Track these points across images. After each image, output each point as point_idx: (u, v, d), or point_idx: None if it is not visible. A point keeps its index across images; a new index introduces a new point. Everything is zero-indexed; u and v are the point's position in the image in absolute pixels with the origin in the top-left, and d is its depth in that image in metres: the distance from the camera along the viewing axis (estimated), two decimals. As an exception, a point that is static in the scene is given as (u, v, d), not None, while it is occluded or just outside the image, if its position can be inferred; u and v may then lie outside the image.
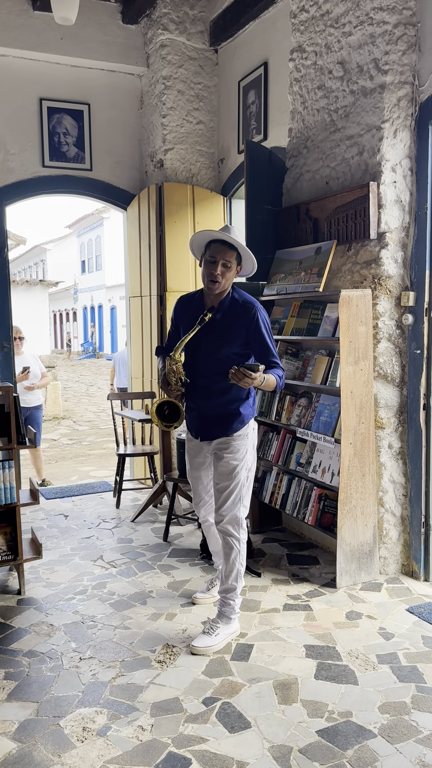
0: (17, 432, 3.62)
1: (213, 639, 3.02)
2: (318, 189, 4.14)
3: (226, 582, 3.13)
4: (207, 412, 3.08)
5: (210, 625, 3.09)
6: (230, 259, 2.99)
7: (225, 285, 3.04)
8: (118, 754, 2.30)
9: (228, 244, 2.99)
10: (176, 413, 3.05)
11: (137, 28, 5.72)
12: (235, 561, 3.11)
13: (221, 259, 2.97)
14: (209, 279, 3.01)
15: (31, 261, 42.93)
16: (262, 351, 3.04)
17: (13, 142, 5.53)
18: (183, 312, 3.21)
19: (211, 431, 3.10)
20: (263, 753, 2.29)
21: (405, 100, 3.59)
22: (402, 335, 3.74)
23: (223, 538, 3.11)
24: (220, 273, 2.98)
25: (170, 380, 3.04)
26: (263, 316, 3.04)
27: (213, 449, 3.13)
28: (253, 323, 3.01)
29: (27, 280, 18.55)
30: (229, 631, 3.09)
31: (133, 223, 5.93)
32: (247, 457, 3.11)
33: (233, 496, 3.06)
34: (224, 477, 3.06)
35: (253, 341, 3.04)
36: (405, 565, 3.82)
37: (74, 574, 3.92)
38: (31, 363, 6.25)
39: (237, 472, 3.05)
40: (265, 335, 3.02)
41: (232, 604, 3.12)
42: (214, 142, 5.82)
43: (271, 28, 4.87)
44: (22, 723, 2.49)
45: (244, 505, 3.11)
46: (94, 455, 8.43)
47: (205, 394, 3.07)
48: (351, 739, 2.35)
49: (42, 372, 6.34)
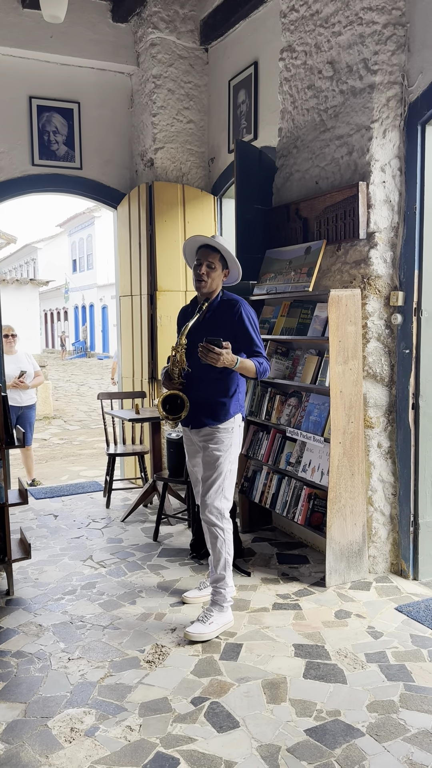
0: (5, 432, 3.60)
1: (207, 627, 3.10)
2: (308, 189, 4.15)
3: (215, 572, 3.24)
4: (197, 401, 3.22)
5: (204, 613, 3.18)
6: (214, 260, 3.23)
7: (212, 285, 3.26)
8: (106, 754, 2.29)
9: (212, 248, 3.23)
10: (179, 405, 3.19)
11: (127, 27, 5.70)
12: (221, 550, 3.22)
13: (205, 260, 3.23)
14: (196, 280, 3.26)
15: (22, 260, 42.74)
16: (246, 343, 3.23)
17: (2, 140, 5.50)
18: (183, 319, 3.46)
19: (199, 419, 3.25)
20: (251, 752, 2.29)
21: (394, 100, 3.60)
22: (391, 335, 3.75)
23: (208, 528, 3.24)
24: (205, 272, 3.22)
25: (173, 374, 3.21)
26: (247, 311, 3.24)
27: (200, 440, 3.28)
28: (237, 317, 3.21)
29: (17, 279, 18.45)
30: (222, 620, 3.17)
31: (123, 222, 5.92)
32: (231, 450, 3.25)
33: (216, 485, 3.21)
34: (208, 467, 3.23)
35: (238, 334, 3.21)
36: (394, 564, 3.83)
37: (63, 574, 3.91)
38: (24, 362, 6.21)
39: (220, 462, 3.21)
40: (249, 328, 3.22)
41: (223, 592, 3.22)
42: (204, 141, 5.81)
43: (261, 28, 4.87)
44: (10, 724, 2.48)
45: (226, 498, 3.24)
46: (84, 455, 8.40)
47: (196, 386, 3.23)
48: (339, 738, 2.35)
49: (36, 371, 6.31)
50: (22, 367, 6.11)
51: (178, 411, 3.19)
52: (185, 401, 3.17)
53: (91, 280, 34.00)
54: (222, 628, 3.15)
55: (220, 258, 3.24)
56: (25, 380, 6.07)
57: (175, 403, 3.19)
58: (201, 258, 3.24)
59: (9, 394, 5.94)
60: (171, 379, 3.23)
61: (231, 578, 3.29)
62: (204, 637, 3.06)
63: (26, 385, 6.09)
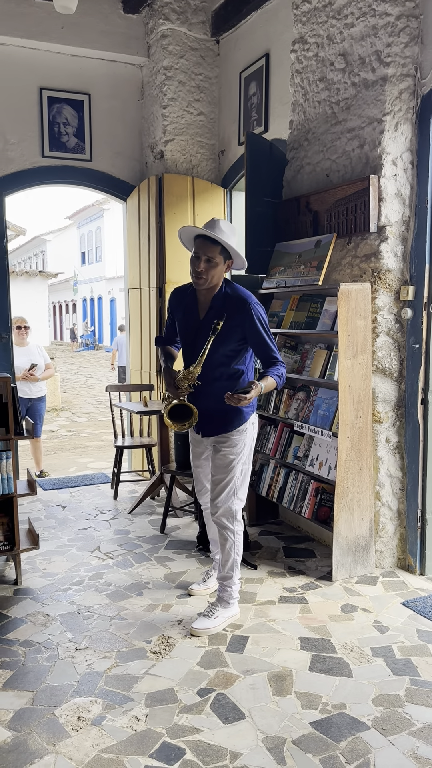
0: (15, 422, 3.62)
1: (212, 621, 3.09)
2: (318, 182, 4.13)
3: (223, 570, 3.21)
4: (207, 409, 3.07)
5: (209, 608, 3.17)
6: (213, 255, 2.94)
7: (212, 281, 2.99)
8: (112, 743, 2.31)
9: (211, 239, 2.93)
10: (186, 413, 3.04)
11: (138, 18, 5.68)
12: (231, 551, 3.18)
13: (204, 255, 2.93)
14: (194, 275, 2.99)
15: (31, 252, 42.82)
16: (260, 347, 3.04)
17: (13, 131, 5.50)
18: (177, 305, 3.22)
19: (212, 428, 3.13)
20: (257, 744, 2.30)
21: (407, 92, 3.57)
22: (401, 329, 3.73)
23: (219, 530, 3.18)
24: (203, 269, 2.94)
25: (181, 386, 3.03)
26: (258, 312, 3.00)
27: (212, 442, 3.18)
28: (248, 320, 2.97)
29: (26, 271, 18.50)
30: (228, 614, 3.17)
31: (132, 214, 5.91)
32: (245, 451, 3.15)
33: (228, 488, 3.11)
34: (220, 470, 3.12)
35: (250, 338, 3.02)
36: (401, 559, 3.83)
37: (71, 565, 3.93)
38: (36, 355, 6.22)
39: (233, 465, 3.10)
40: (261, 331, 3.00)
41: (229, 590, 3.21)
42: (214, 133, 5.79)
43: (273, 19, 4.84)
44: (18, 712, 2.50)
45: (239, 498, 3.16)
46: (92, 447, 8.43)
47: (205, 392, 3.06)
48: (344, 731, 2.36)
49: (46, 363, 6.31)
50: (33, 360, 6.13)
51: (186, 417, 3.04)
52: (193, 410, 3.01)
53: (100, 272, 34.02)
54: (228, 621, 3.16)
55: (222, 250, 2.95)
56: (35, 373, 6.08)
57: (182, 410, 3.05)
58: (198, 251, 2.94)
59: (19, 385, 5.96)
60: (177, 388, 3.04)
61: (238, 576, 3.25)
62: (210, 632, 3.06)
63: (36, 378, 6.10)
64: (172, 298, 3.26)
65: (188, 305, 3.13)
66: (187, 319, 3.13)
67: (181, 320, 3.17)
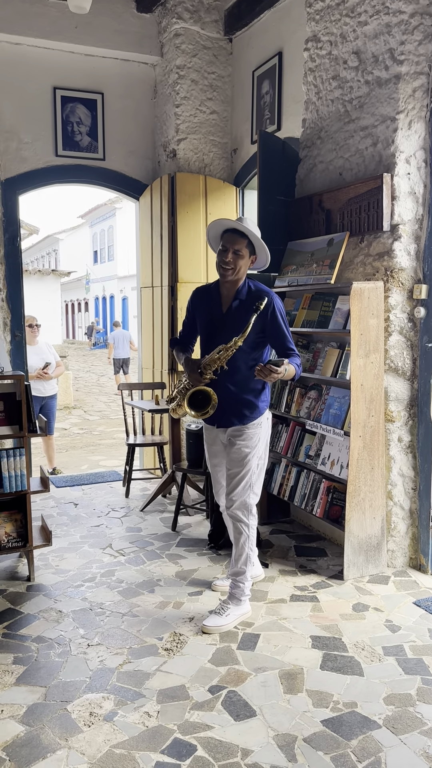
0: (28, 420, 3.65)
1: (224, 619, 3.11)
2: (331, 180, 4.12)
3: (236, 566, 3.23)
4: (224, 400, 3.12)
5: (221, 606, 3.18)
6: (241, 248, 3.05)
7: (238, 273, 3.09)
8: (124, 739, 2.32)
9: (239, 232, 3.06)
10: (205, 400, 3.08)
11: (151, 17, 5.69)
12: (245, 545, 3.20)
13: (232, 247, 3.05)
14: (221, 266, 3.09)
15: (44, 251, 43.01)
16: (278, 340, 3.12)
17: (27, 131, 5.53)
18: (199, 302, 3.29)
19: (227, 419, 3.18)
20: (268, 741, 2.30)
21: (420, 90, 3.55)
22: (414, 328, 3.72)
23: (233, 524, 3.21)
24: (231, 260, 3.05)
25: (207, 370, 3.06)
26: (279, 306, 3.11)
27: (228, 436, 3.22)
28: (269, 313, 3.06)
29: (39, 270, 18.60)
30: (240, 612, 3.17)
31: (145, 213, 5.93)
32: (260, 445, 3.19)
33: (243, 482, 3.15)
34: (236, 463, 3.16)
35: (269, 330, 3.10)
36: (413, 559, 3.82)
37: (83, 562, 3.95)
38: (46, 352, 6.26)
39: (249, 459, 3.14)
40: (281, 324, 3.10)
41: (242, 587, 3.21)
42: (227, 132, 5.79)
43: (286, 18, 4.83)
44: (30, 707, 2.52)
45: (254, 492, 3.21)
46: (104, 445, 8.47)
47: (223, 383, 3.12)
48: (355, 729, 2.36)
49: (57, 361, 6.35)
50: (45, 358, 6.17)
51: (203, 406, 3.07)
52: (212, 398, 3.04)
53: (112, 271, 34.11)
54: (240, 618, 3.17)
55: (248, 244, 3.07)
56: (48, 371, 6.12)
57: (199, 398, 3.08)
58: (227, 244, 3.05)
59: (32, 384, 6.00)
60: (201, 374, 3.08)
61: (250, 573, 3.27)
62: (221, 629, 3.07)
63: (49, 376, 6.15)
64: (194, 296, 3.33)
65: (212, 300, 3.22)
66: (211, 314, 3.22)
67: (203, 315, 3.24)
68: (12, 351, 5.53)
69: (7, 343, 5.44)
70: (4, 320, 5.42)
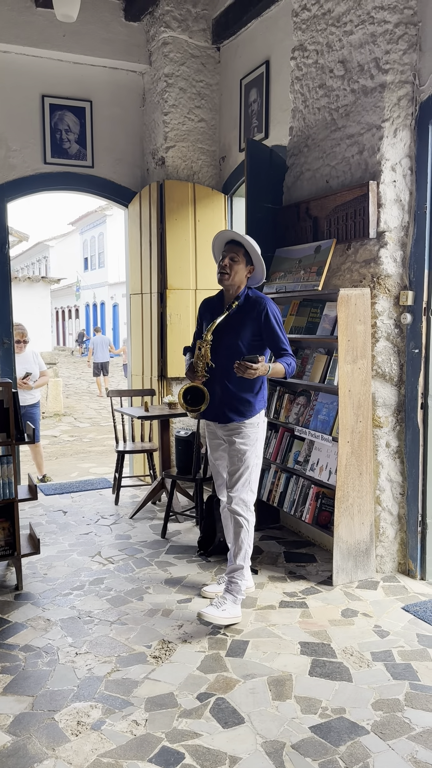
0: (16, 428, 3.64)
1: (220, 612, 3.18)
2: (318, 188, 4.15)
3: (234, 561, 3.32)
4: (222, 397, 3.31)
5: (219, 599, 3.25)
6: (237, 254, 3.29)
7: (234, 278, 3.31)
8: (111, 748, 2.31)
9: (237, 243, 3.32)
10: (199, 397, 3.27)
11: (140, 26, 5.72)
12: (244, 540, 3.31)
13: (228, 254, 3.31)
14: (219, 271, 3.33)
15: (34, 258, 42.93)
16: (272, 340, 3.29)
17: (15, 138, 5.53)
18: (205, 311, 3.52)
19: (225, 415, 3.32)
20: (256, 748, 2.30)
21: (405, 99, 3.59)
22: (400, 334, 3.74)
23: (233, 518, 3.33)
24: (227, 264, 3.29)
25: (197, 368, 3.28)
26: (272, 309, 3.30)
27: (226, 434, 3.36)
28: (263, 315, 3.27)
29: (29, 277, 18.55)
30: (233, 612, 3.23)
31: (134, 220, 5.94)
32: (257, 444, 3.35)
33: (243, 478, 3.30)
34: (236, 460, 3.31)
35: (264, 332, 3.29)
36: (401, 564, 3.83)
37: (72, 570, 3.94)
38: (30, 362, 6.13)
39: (247, 456, 3.29)
40: (274, 325, 3.27)
41: (238, 583, 3.29)
42: (215, 140, 5.82)
43: (273, 27, 4.87)
44: (17, 716, 2.50)
45: (252, 490, 3.35)
46: (94, 452, 8.44)
47: (222, 382, 3.31)
48: (344, 735, 2.36)
49: (41, 371, 6.23)
50: (27, 368, 6.01)
51: (198, 403, 3.27)
52: (206, 394, 3.25)
53: (103, 278, 34.09)
54: (231, 620, 3.19)
55: (244, 253, 3.30)
56: (29, 381, 5.97)
57: (196, 394, 3.27)
58: (225, 252, 3.33)
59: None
60: (195, 372, 3.29)
61: (248, 570, 3.36)
62: (216, 620, 3.15)
63: (30, 387, 5.97)
64: (202, 306, 3.56)
65: (215, 308, 3.44)
66: (214, 319, 3.38)
67: (208, 321, 3.42)
68: (0, 358, 5.51)
69: (-4, 351, 5.42)
70: (-7, 327, 5.40)
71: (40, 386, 6.22)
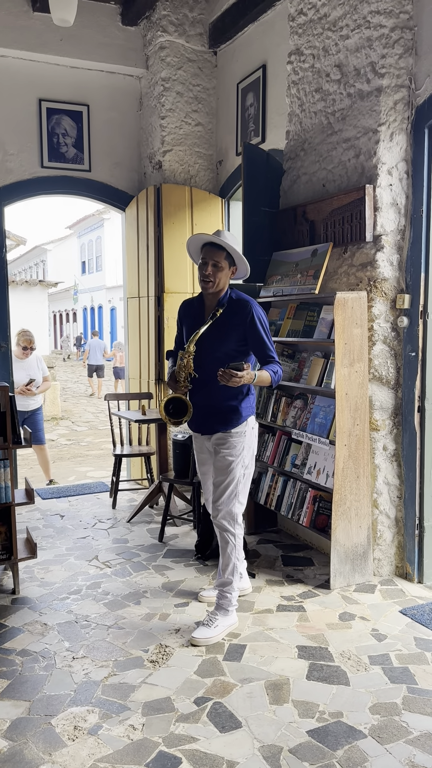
0: (13, 431, 3.63)
1: (212, 631, 3.09)
2: (315, 191, 4.16)
3: (223, 576, 3.23)
4: (207, 407, 3.17)
5: (209, 617, 3.16)
6: (219, 260, 3.12)
7: (219, 285, 3.16)
8: (108, 752, 2.30)
9: (217, 245, 3.13)
10: (182, 408, 3.14)
11: (136, 30, 5.74)
12: (231, 555, 3.20)
13: (211, 259, 3.12)
14: (202, 279, 3.16)
15: (31, 261, 42.93)
16: (258, 347, 3.15)
17: (12, 142, 5.54)
18: (185, 315, 3.37)
19: (211, 426, 3.20)
20: (253, 753, 2.29)
21: (401, 103, 3.60)
22: (397, 337, 3.75)
23: (219, 533, 3.22)
24: (211, 272, 3.12)
25: (179, 378, 3.13)
26: (258, 313, 3.15)
27: (212, 444, 3.23)
28: (248, 320, 3.11)
29: (26, 281, 18.55)
30: (227, 623, 3.16)
31: (131, 224, 5.94)
32: (244, 453, 3.20)
33: (228, 491, 3.16)
34: (220, 472, 3.18)
35: (249, 337, 3.14)
36: (399, 567, 3.83)
37: (69, 574, 3.93)
38: (34, 367, 6.08)
39: (233, 467, 3.15)
40: (260, 331, 3.13)
41: (229, 597, 3.21)
42: (212, 144, 5.83)
43: (269, 31, 4.89)
44: (14, 721, 2.49)
45: (239, 501, 3.21)
46: (92, 456, 8.43)
47: (205, 390, 3.15)
48: (341, 739, 2.36)
49: (44, 376, 6.19)
50: (31, 374, 6.00)
51: (181, 414, 3.13)
52: (188, 405, 3.12)
53: (100, 281, 34.10)
54: (227, 630, 3.15)
55: (227, 256, 3.13)
56: (32, 388, 5.95)
57: (179, 405, 3.14)
58: (206, 257, 3.12)
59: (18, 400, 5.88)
60: (177, 382, 3.15)
61: (245, 571, 3.30)
62: (210, 641, 3.06)
63: (33, 393, 5.96)
64: (182, 309, 3.40)
65: (196, 312, 3.28)
66: (195, 324, 3.24)
67: (189, 326, 3.29)
68: (-3, 362, 5.50)
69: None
70: (-10, 331, 5.40)
71: (43, 392, 6.21)
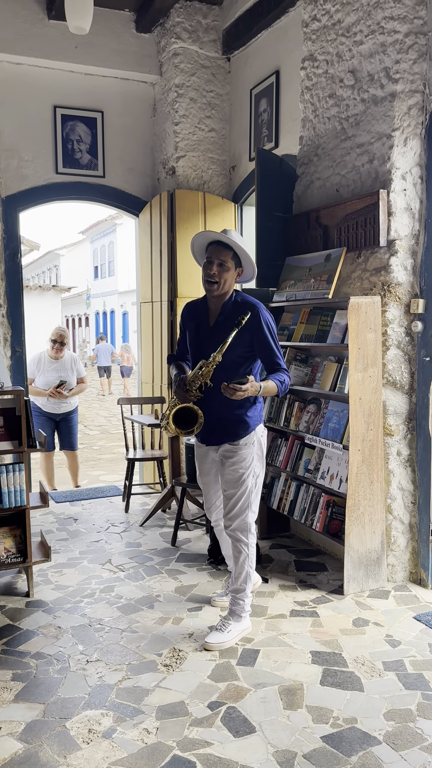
0: (28, 435, 3.66)
1: (225, 635, 3.08)
2: (328, 196, 4.16)
3: (236, 583, 3.21)
4: (213, 417, 3.07)
5: (222, 622, 3.15)
6: (226, 259, 2.99)
7: (224, 286, 3.03)
8: (123, 756, 2.31)
9: (224, 244, 2.99)
10: (190, 417, 3.02)
11: (150, 37, 5.78)
12: (244, 564, 3.17)
13: (217, 259, 2.98)
14: (207, 279, 3.03)
15: (45, 266, 43.20)
16: (265, 353, 3.04)
17: (27, 149, 5.59)
18: (188, 318, 3.26)
19: (218, 437, 3.13)
20: (267, 758, 2.29)
21: (415, 108, 3.60)
22: (411, 342, 3.74)
23: (232, 543, 3.19)
24: (216, 272, 2.98)
25: (192, 387, 3.00)
26: (265, 318, 3.02)
27: (220, 456, 3.17)
28: (255, 325, 2.98)
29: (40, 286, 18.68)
30: (240, 628, 3.15)
31: (144, 229, 5.98)
32: (254, 464, 3.13)
33: (241, 502, 3.11)
34: (231, 484, 3.11)
35: (256, 344, 3.03)
36: (413, 573, 3.81)
37: (82, 578, 3.94)
38: (68, 368, 5.93)
39: (244, 479, 3.09)
40: (268, 337, 3.01)
41: (242, 603, 3.19)
42: (225, 149, 5.86)
43: (283, 37, 4.91)
44: (29, 724, 2.51)
45: (252, 511, 3.16)
46: (104, 459, 8.46)
47: (213, 402, 3.04)
48: (356, 745, 2.35)
49: (79, 377, 6.04)
50: (62, 376, 5.86)
51: (190, 424, 3.02)
52: (198, 415, 3.00)
53: (113, 286, 34.26)
54: (240, 635, 3.15)
55: (233, 256, 2.99)
56: (63, 390, 5.81)
57: (186, 415, 3.02)
58: (212, 255, 2.98)
59: (48, 402, 5.84)
60: (187, 391, 3.01)
61: (250, 589, 3.24)
62: (224, 646, 3.05)
63: (64, 396, 5.82)
64: (185, 312, 3.29)
65: (200, 315, 3.17)
66: (198, 328, 3.17)
67: (192, 330, 3.20)
68: (12, 366, 5.55)
69: (7, 359, 5.46)
70: (5, 336, 5.45)
71: (76, 394, 6.01)
